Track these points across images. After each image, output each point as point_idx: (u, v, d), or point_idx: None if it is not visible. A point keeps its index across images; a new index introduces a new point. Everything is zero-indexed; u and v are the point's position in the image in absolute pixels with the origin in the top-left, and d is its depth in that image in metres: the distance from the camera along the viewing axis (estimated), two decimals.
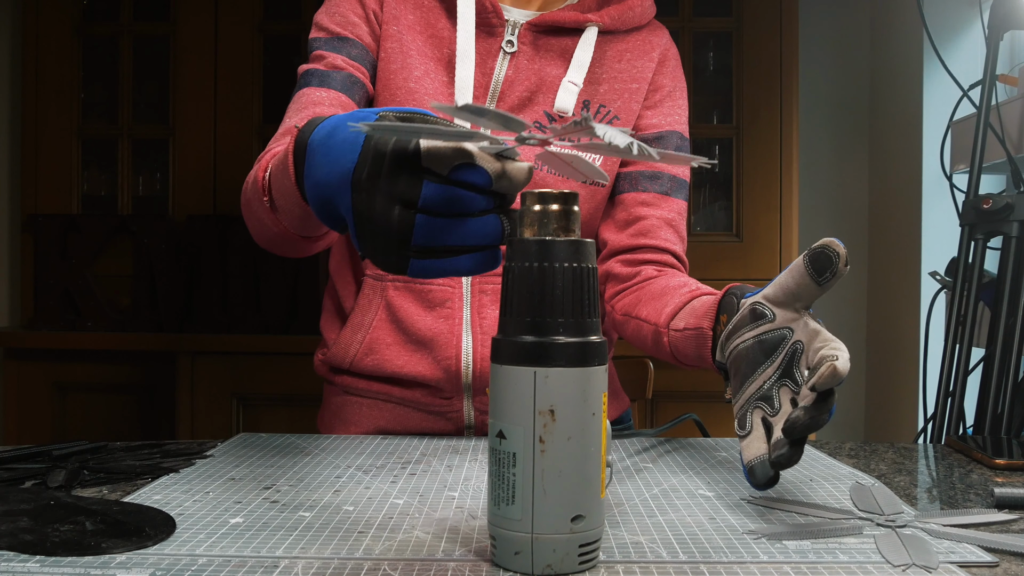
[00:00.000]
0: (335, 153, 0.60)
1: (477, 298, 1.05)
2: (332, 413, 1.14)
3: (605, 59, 1.09)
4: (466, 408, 1.07)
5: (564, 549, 0.55)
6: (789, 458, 0.66)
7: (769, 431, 0.69)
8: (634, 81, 1.10)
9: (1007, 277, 1.35)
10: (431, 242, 0.57)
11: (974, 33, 2.13)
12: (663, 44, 1.13)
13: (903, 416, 2.32)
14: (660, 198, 1.10)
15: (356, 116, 0.61)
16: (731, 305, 0.79)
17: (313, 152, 0.63)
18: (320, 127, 0.64)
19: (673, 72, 1.13)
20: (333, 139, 0.61)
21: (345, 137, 0.60)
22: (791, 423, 0.65)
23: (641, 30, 1.12)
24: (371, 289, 1.07)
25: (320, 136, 0.63)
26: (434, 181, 0.56)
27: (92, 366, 2.20)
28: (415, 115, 0.59)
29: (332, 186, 0.59)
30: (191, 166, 2.31)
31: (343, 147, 0.59)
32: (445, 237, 0.57)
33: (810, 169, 2.52)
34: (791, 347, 0.71)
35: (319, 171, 0.61)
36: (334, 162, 0.59)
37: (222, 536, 0.61)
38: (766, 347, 0.72)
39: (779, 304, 0.72)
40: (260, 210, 0.84)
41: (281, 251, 0.92)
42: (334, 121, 0.63)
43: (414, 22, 1.05)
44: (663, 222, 1.09)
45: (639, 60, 1.10)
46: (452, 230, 0.57)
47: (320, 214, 0.63)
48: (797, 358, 0.70)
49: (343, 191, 0.58)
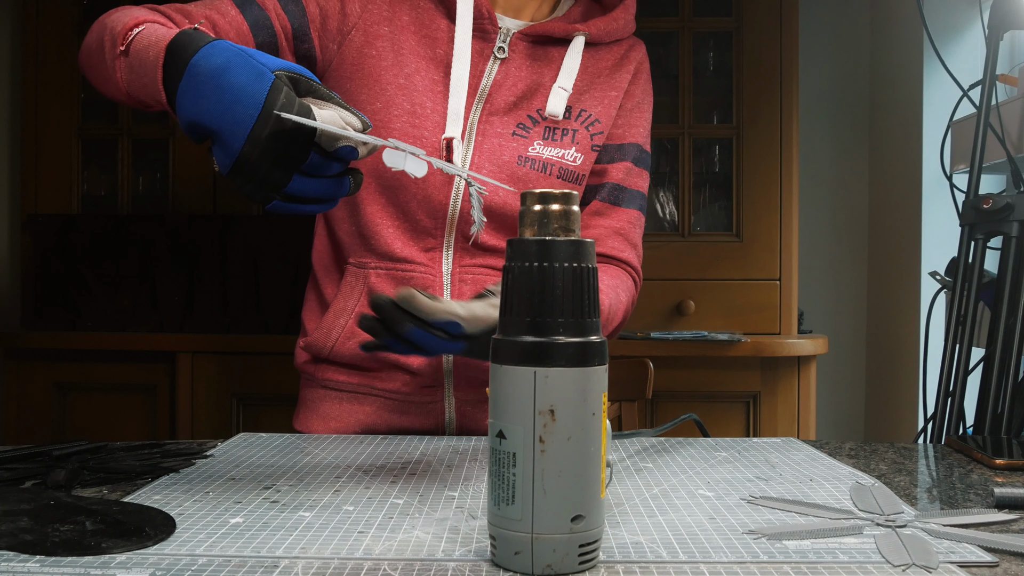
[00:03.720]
0: (230, 97, 0.69)
1: (457, 287, 1.08)
2: (309, 409, 1.15)
3: (589, 68, 1.14)
4: (447, 399, 1.09)
5: (564, 549, 0.55)
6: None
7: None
8: (613, 89, 1.15)
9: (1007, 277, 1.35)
10: (298, 194, 0.71)
11: (974, 33, 2.13)
12: (639, 58, 1.19)
13: (903, 416, 2.32)
14: (611, 208, 1.16)
15: (250, 65, 0.70)
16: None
17: (199, 82, 0.71)
18: (208, 54, 0.72)
19: (644, 84, 1.19)
20: (226, 79, 0.70)
21: (242, 85, 0.69)
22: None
23: (622, 43, 1.18)
24: (353, 276, 1.09)
25: (209, 66, 0.71)
26: (319, 154, 0.70)
27: (92, 366, 2.19)
28: (302, 76, 0.72)
29: (221, 125, 0.69)
30: (191, 166, 2.30)
31: (241, 95, 0.69)
32: (309, 191, 0.72)
33: (810, 169, 2.52)
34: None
35: (207, 103, 0.70)
36: (229, 106, 0.69)
37: (222, 536, 0.62)
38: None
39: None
40: (108, 53, 0.89)
41: (94, 80, 0.96)
42: (226, 56, 0.71)
43: (409, 22, 1.08)
44: (611, 231, 1.15)
45: (618, 71, 1.16)
46: (316, 187, 0.72)
47: (186, 128, 0.73)
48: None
49: (234, 136, 0.69)
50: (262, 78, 0.69)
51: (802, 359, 2.15)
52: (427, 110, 1.06)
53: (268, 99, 0.68)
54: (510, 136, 1.09)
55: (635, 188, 1.17)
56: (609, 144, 1.16)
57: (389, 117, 1.05)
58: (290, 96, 0.69)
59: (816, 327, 2.52)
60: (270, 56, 0.72)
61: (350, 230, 1.10)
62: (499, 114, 1.09)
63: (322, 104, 0.72)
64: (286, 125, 0.68)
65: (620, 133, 1.16)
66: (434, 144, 1.05)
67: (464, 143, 1.07)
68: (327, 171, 0.71)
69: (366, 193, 1.08)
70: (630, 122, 1.17)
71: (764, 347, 2.11)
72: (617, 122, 1.16)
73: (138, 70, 0.83)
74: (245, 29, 1.02)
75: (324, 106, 0.72)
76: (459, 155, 1.06)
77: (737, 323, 2.20)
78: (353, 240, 1.10)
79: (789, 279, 2.20)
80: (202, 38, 0.74)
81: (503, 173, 1.08)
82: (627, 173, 1.16)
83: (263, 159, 0.69)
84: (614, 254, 1.14)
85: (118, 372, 2.19)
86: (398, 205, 1.07)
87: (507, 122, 1.09)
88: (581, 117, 1.12)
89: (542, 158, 1.09)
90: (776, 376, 2.15)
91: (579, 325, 0.55)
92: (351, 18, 1.07)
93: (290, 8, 1.04)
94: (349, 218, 1.10)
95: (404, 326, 0.76)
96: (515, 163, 1.08)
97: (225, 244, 2.24)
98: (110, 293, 2.26)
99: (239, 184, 0.70)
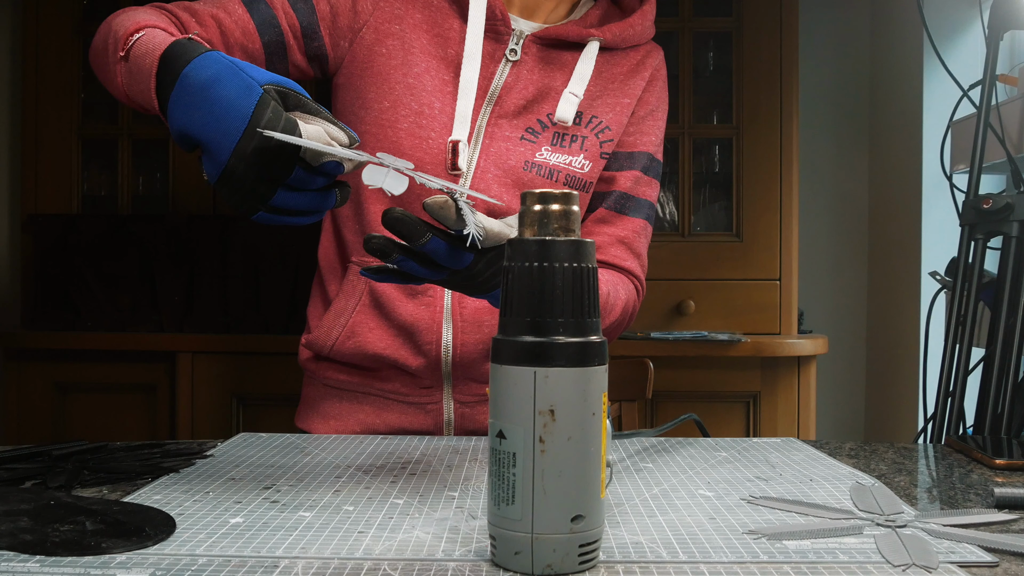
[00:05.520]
0: (218, 110, 0.70)
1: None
2: (311, 407, 1.15)
3: (603, 73, 1.12)
4: (446, 400, 1.09)
5: (564, 549, 0.55)
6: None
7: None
8: (626, 96, 1.13)
9: (1007, 277, 1.35)
10: (283, 206, 0.71)
11: (974, 33, 2.13)
12: (655, 64, 1.17)
13: (903, 416, 2.32)
14: (617, 216, 1.14)
15: (240, 78, 0.70)
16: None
17: (189, 93, 0.72)
18: (199, 65, 0.72)
19: (660, 92, 1.17)
20: (215, 92, 0.70)
21: (230, 98, 0.70)
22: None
23: (639, 48, 1.16)
24: (355, 275, 1.09)
25: (199, 78, 0.72)
26: (304, 168, 0.70)
27: (92, 366, 2.19)
28: (291, 91, 0.72)
29: (209, 137, 0.70)
30: (191, 166, 2.30)
31: (229, 109, 0.69)
32: (294, 204, 0.72)
33: (810, 169, 2.52)
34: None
35: (196, 115, 0.71)
36: (217, 119, 0.70)
37: (222, 536, 0.62)
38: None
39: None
40: (111, 56, 0.90)
41: (102, 80, 0.97)
42: (216, 68, 0.71)
43: (420, 20, 1.07)
44: (615, 239, 1.14)
45: (633, 77, 1.14)
46: (301, 200, 0.72)
47: (176, 136, 0.74)
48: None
49: (221, 149, 0.69)
50: (250, 92, 0.70)
51: (802, 359, 2.15)
52: (435, 111, 1.05)
53: (254, 114, 0.69)
54: (518, 140, 1.08)
55: (643, 197, 1.15)
56: (619, 151, 1.14)
57: (396, 117, 1.05)
58: (277, 111, 0.69)
59: (816, 327, 2.52)
60: (260, 69, 0.73)
61: (355, 228, 1.10)
62: (508, 117, 1.08)
63: (309, 119, 0.72)
64: (271, 142, 0.69)
65: (631, 141, 1.15)
66: (440, 146, 1.05)
67: (471, 146, 1.07)
68: (312, 185, 0.72)
69: (370, 193, 1.07)
70: (642, 130, 1.15)
71: (764, 347, 2.11)
72: (629, 129, 1.14)
73: (136, 76, 0.84)
74: (251, 28, 1.02)
75: (311, 121, 0.72)
76: (465, 158, 1.05)
77: (737, 323, 2.20)
78: (357, 239, 1.09)
79: (789, 279, 2.20)
80: (195, 48, 0.75)
81: (509, 178, 1.07)
82: (636, 182, 1.14)
83: (248, 173, 0.69)
84: (616, 263, 1.13)
85: (118, 372, 2.19)
86: (401, 205, 1.07)
87: (516, 126, 1.08)
88: (592, 124, 1.11)
89: (549, 164, 1.08)
90: (776, 376, 2.15)
91: (579, 325, 0.55)
92: (362, 15, 1.06)
93: (299, 6, 1.04)
94: (354, 217, 1.10)
95: (425, 236, 0.71)
96: (521, 168, 1.07)
97: (225, 244, 2.24)
98: (110, 293, 2.26)
99: (225, 195, 0.71)
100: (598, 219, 1.14)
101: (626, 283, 1.13)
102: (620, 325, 1.12)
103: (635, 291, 1.15)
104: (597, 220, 1.14)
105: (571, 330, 0.55)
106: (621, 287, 1.10)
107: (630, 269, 1.14)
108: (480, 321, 1.07)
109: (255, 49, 1.02)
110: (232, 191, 0.70)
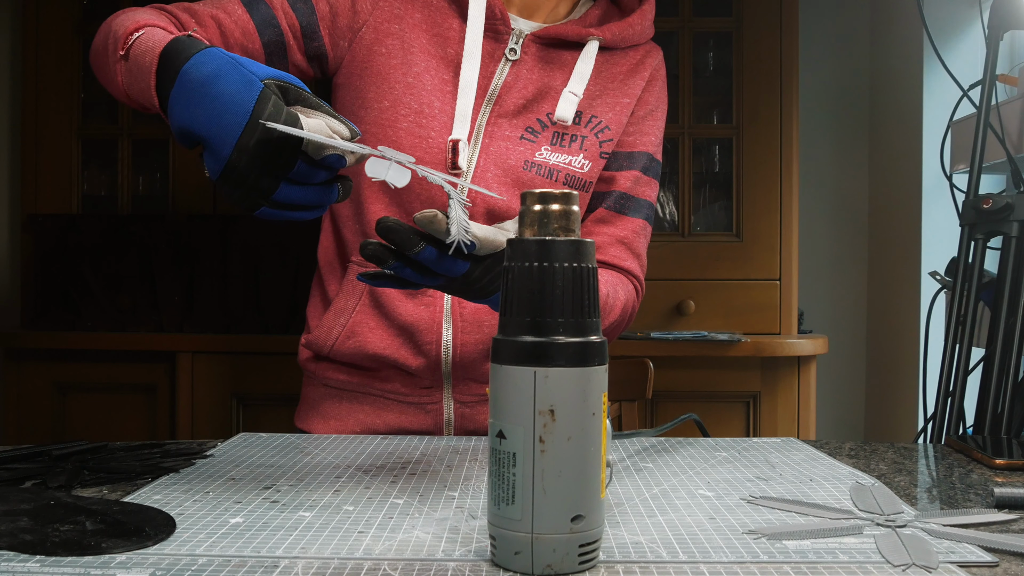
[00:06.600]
0: (219, 105, 0.69)
1: None
2: (310, 407, 1.15)
3: (603, 73, 1.12)
4: (445, 400, 1.09)
5: (564, 549, 0.55)
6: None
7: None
8: (625, 96, 1.14)
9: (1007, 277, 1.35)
10: (286, 201, 0.71)
11: (974, 33, 2.13)
12: (655, 64, 1.17)
13: (903, 416, 2.32)
14: (616, 216, 1.14)
15: (240, 73, 0.70)
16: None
17: (189, 89, 0.72)
18: (199, 62, 0.72)
19: (659, 92, 1.18)
20: (216, 87, 0.70)
21: (231, 93, 0.69)
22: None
23: (638, 48, 1.16)
24: (355, 275, 1.09)
25: (199, 74, 0.71)
26: (306, 162, 0.70)
27: (92, 366, 2.19)
28: (291, 85, 0.72)
29: (210, 132, 0.70)
30: (191, 166, 2.30)
31: (229, 104, 0.69)
32: (296, 199, 0.72)
33: (810, 169, 2.52)
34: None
35: (197, 111, 0.71)
36: (218, 114, 0.69)
37: (222, 536, 0.62)
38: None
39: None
40: (111, 56, 0.90)
41: (102, 80, 0.96)
42: (216, 64, 0.71)
43: (420, 20, 1.07)
44: (615, 240, 1.14)
45: (632, 77, 1.14)
46: (303, 194, 0.72)
47: (177, 134, 0.73)
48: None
49: (222, 144, 0.69)
50: (251, 87, 0.70)
51: (802, 359, 2.15)
52: (435, 110, 1.05)
53: (256, 108, 0.69)
54: (517, 140, 1.08)
55: (643, 197, 1.15)
56: (619, 151, 1.14)
57: (396, 116, 1.05)
58: (278, 105, 0.69)
59: (816, 327, 2.52)
60: (260, 64, 0.73)
61: (355, 228, 1.10)
62: (507, 117, 1.08)
63: (310, 113, 0.72)
64: (273, 134, 0.68)
65: (631, 141, 1.15)
66: (439, 145, 1.05)
67: (471, 145, 1.07)
68: (314, 179, 0.72)
69: (370, 192, 1.07)
70: (641, 130, 1.15)
71: (764, 347, 2.11)
72: (628, 129, 1.15)
73: (136, 74, 0.84)
74: (251, 28, 1.02)
75: (312, 115, 0.72)
76: (465, 157, 1.05)
77: (737, 323, 2.20)
78: (357, 239, 1.09)
79: (789, 279, 2.20)
80: (195, 45, 0.75)
81: (508, 177, 1.07)
82: (635, 182, 1.14)
83: (251, 167, 0.69)
84: (615, 263, 1.13)
85: (118, 372, 2.19)
86: (401, 205, 1.07)
87: (515, 125, 1.08)
88: (591, 123, 1.11)
89: (548, 163, 1.08)
90: (776, 376, 2.15)
91: (579, 325, 0.55)
92: (362, 15, 1.07)
93: (298, 6, 1.04)
94: (354, 217, 1.10)
95: (418, 246, 0.72)
96: (521, 167, 1.07)
97: (225, 244, 2.24)
98: (110, 293, 2.26)
99: (227, 191, 0.71)
100: (598, 219, 1.14)
101: (626, 283, 1.13)
102: (620, 325, 1.12)
103: (635, 291, 1.15)
104: (597, 220, 1.15)
105: (571, 330, 0.55)
106: (621, 287, 1.10)
107: (630, 269, 1.14)
108: (480, 321, 1.07)
109: (255, 49, 1.03)
110: (234, 186, 0.70)
